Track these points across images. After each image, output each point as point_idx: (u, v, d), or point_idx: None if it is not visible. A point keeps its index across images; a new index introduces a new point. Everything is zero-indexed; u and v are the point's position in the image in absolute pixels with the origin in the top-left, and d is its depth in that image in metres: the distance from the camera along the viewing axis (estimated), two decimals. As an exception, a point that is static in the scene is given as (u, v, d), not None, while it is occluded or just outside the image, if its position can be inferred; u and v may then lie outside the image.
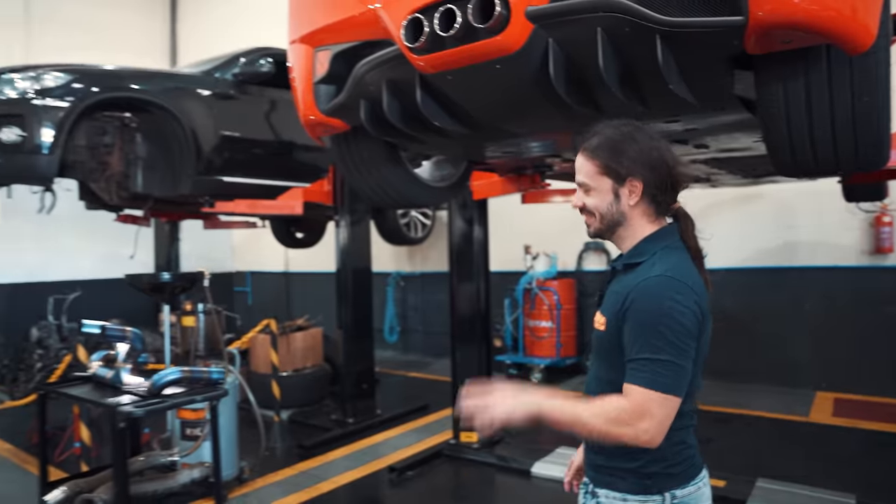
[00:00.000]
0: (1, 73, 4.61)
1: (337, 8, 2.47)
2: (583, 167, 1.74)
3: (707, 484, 1.77)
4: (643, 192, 1.70)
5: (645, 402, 1.54)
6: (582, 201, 1.76)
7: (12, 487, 4.68)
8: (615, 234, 1.77)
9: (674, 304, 1.57)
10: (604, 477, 1.75)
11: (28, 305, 6.93)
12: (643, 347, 1.57)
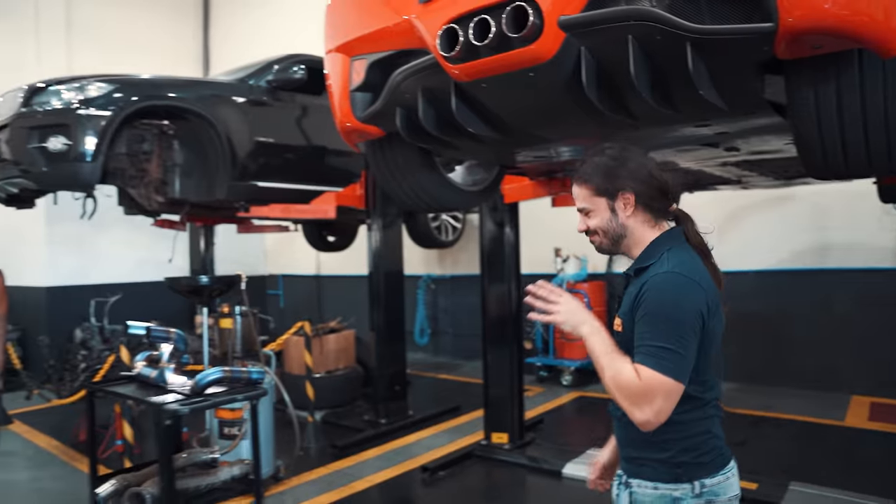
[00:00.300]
0: (48, 86, 4.76)
1: (373, 18, 2.55)
2: (579, 194, 1.91)
3: (735, 475, 1.86)
4: (636, 202, 1.84)
5: (650, 386, 1.66)
6: (585, 224, 1.92)
7: (61, 483, 4.85)
8: (621, 245, 1.91)
9: (680, 297, 1.72)
10: (636, 468, 1.85)
11: (71, 308, 7.14)
12: (650, 335, 1.70)
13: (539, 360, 7.80)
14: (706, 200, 7.03)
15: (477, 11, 2.07)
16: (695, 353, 1.72)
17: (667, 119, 2.32)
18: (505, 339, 5.21)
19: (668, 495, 1.79)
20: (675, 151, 3.30)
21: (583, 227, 1.93)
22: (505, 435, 5.10)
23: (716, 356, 1.82)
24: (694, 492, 1.77)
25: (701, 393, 1.79)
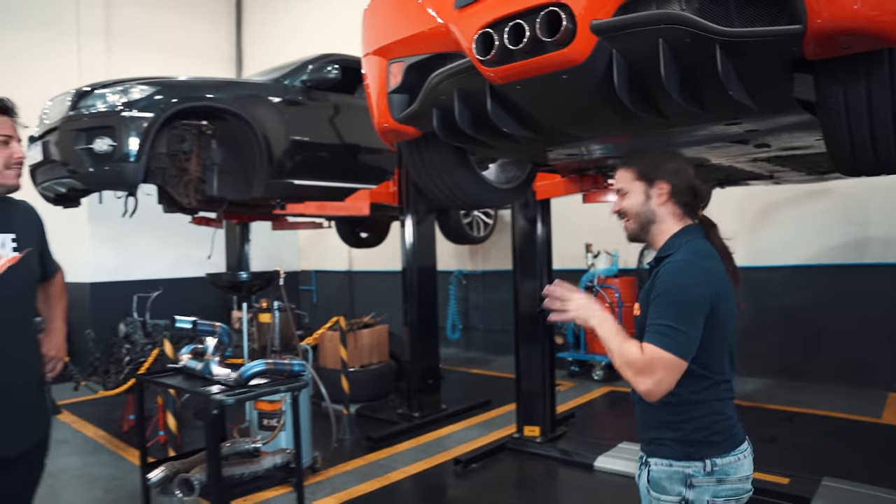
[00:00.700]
0: (94, 89, 4.93)
1: (410, 23, 2.63)
2: (622, 176, 2.10)
3: (748, 457, 1.98)
4: (670, 194, 2.04)
5: (652, 359, 1.82)
6: (619, 205, 2.10)
7: (110, 469, 5.06)
8: (649, 232, 2.08)
9: (688, 280, 1.89)
10: (654, 447, 1.99)
11: (114, 303, 7.35)
12: (658, 315, 1.87)
13: (570, 355, 7.85)
14: (740, 195, 7.01)
15: (512, 16, 2.14)
16: (700, 334, 1.87)
17: (697, 118, 2.37)
18: (536, 334, 5.27)
19: (681, 472, 1.93)
20: (706, 148, 3.34)
21: (617, 208, 2.12)
22: (537, 428, 5.17)
23: (729, 343, 1.97)
24: (705, 470, 1.91)
25: (713, 374, 1.94)
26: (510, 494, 4.52)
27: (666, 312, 1.85)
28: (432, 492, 4.68)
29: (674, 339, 1.82)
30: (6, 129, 2.15)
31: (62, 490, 4.66)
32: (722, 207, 6.96)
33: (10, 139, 2.15)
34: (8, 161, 2.14)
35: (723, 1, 1.94)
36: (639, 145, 3.14)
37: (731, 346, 2.00)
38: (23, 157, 2.20)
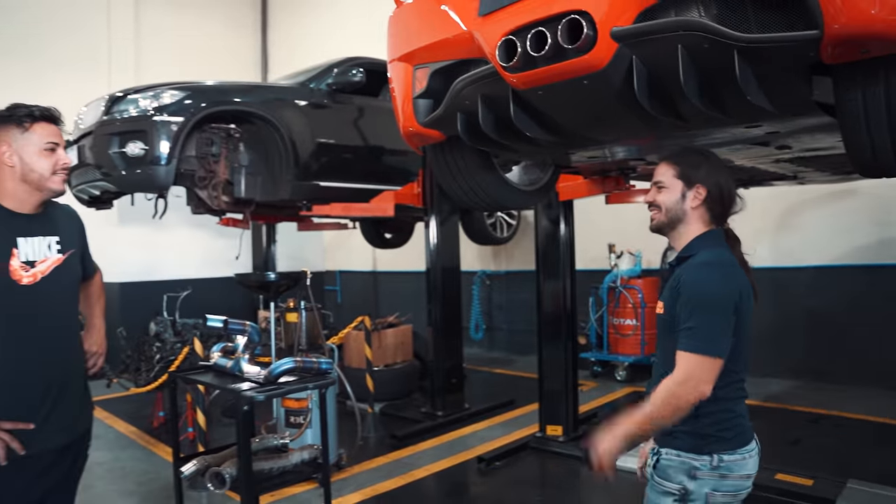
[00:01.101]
0: (127, 94, 5.07)
1: (434, 30, 2.70)
2: (663, 170, 2.15)
3: (754, 457, 2.06)
4: (704, 199, 2.09)
5: (689, 366, 1.89)
6: (654, 197, 2.15)
7: (142, 464, 5.19)
8: (675, 229, 2.14)
9: (715, 282, 1.97)
10: (667, 439, 2.06)
11: (144, 302, 7.53)
12: (690, 317, 1.93)
13: (593, 356, 7.87)
14: (764, 195, 6.97)
15: (534, 24, 2.20)
16: (731, 331, 1.94)
17: (717, 122, 2.41)
18: (559, 334, 5.30)
19: (689, 463, 2.01)
20: (728, 150, 3.36)
21: (650, 199, 2.18)
22: (559, 427, 5.21)
23: (744, 344, 2.03)
24: (712, 464, 1.99)
25: (730, 373, 2.01)
26: (533, 492, 4.57)
27: (696, 314, 1.93)
28: (456, 489, 4.74)
29: (706, 339, 1.90)
30: (54, 137, 2.24)
31: (96, 483, 4.80)
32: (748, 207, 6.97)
33: (56, 146, 2.24)
34: (55, 167, 2.23)
35: (740, 7, 1.98)
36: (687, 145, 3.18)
37: (746, 347, 2.06)
38: (69, 163, 2.29)
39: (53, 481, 2.27)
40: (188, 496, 4.20)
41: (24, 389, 2.17)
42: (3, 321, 2.14)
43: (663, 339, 2.13)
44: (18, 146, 2.19)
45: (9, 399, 2.13)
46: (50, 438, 2.21)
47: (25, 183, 2.21)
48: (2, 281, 2.12)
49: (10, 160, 2.18)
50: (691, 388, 1.88)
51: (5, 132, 2.19)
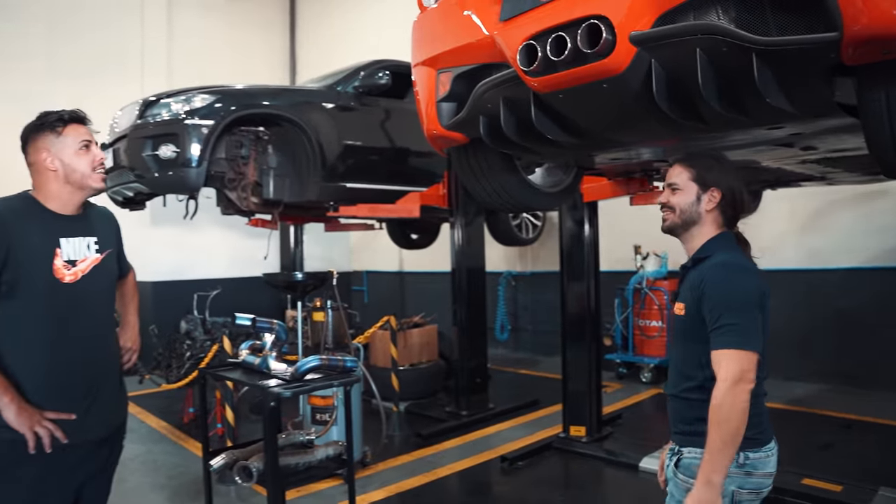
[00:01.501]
0: (160, 99, 5.20)
1: (457, 35, 2.76)
2: (678, 172, 2.18)
3: (774, 455, 2.08)
4: (718, 203, 2.12)
5: (733, 363, 1.91)
6: (668, 199, 2.18)
7: (173, 458, 5.33)
8: (688, 231, 2.17)
9: (739, 280, 2.01)
10: (689, 438, 2.08)
11: (175, 301, 7.70)
12: (722, 316, 1.95)
13: (618, 357, 7.85)
14: (793, 195, 6.90)
15: (554, 29, 2.24)
16: (759, 325, 1.98)
17: (738, 124, 2.42)
18: (583, 335, 5.32)
19: None
20: (752, 151, 3.36)
21: (664, 200, 2.21)
22: (583, 428, 5.23)
23: (765, 344, 2.04)
24: (738, 462, 2.00)
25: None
26: (555, 492, 4.59)
27: (728, 313, 1.96)
28: (478, 488, 4.78)
29: (744, 335, 1.93)
30: (86, 136, 2.35)
31: (129, 475, 4.93)
32: (774, 207, 6.90)
33: (90, 143, 2.35)
34: (93, 164, 2.34)
35: (760, 10, 1.99)
36: (699, 148, 3.20)
37: (766, 347, 2.07)
38: (104, 159, 2.40)
39: (92, 470, 2.38)
40: (217, 490, 4.30)
41: (66, 383, 2.27)
42: (47, 318, 2.24)
43: (682, 340, 2.15)
44: (57, 150, 2.29)
45: (52, 392, 2.24)
46: (90, 429, 2.31)
47: (69, 184, 2.31)
48: (47, 279, 2.23)
49: (53, 164, 2.29)
50: (745, 384, 1.90)
51: (42, 139, 2.30)
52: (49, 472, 2.22)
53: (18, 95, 9.07)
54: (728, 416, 1.88)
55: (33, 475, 2.21)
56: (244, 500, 4.39)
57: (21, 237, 2.20)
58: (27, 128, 2.35)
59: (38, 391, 2.21)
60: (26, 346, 2.23)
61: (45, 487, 2.24)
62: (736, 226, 2.23)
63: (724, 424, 1.89)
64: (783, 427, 5.53)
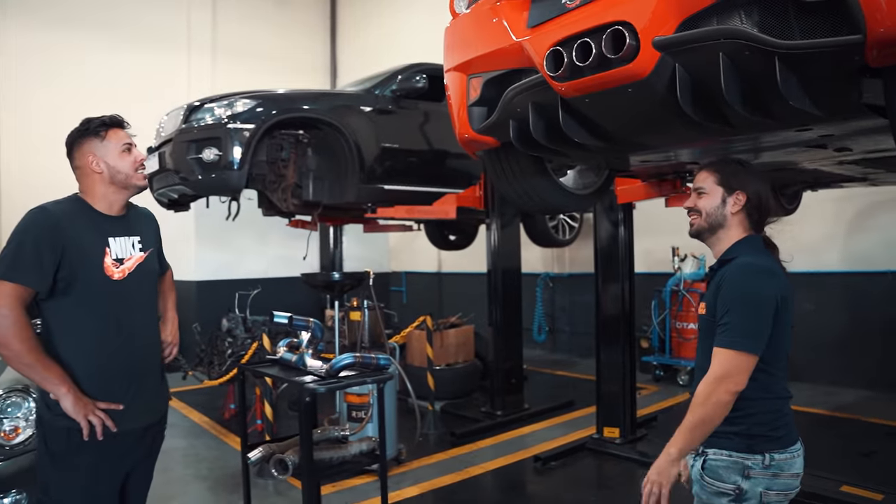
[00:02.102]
0: (203, 104, 5.37)
1: (487, 41, 2.82)
2: (704, 177, 2.23)
3: (801, 456, 2.10)
4: (744, 206, 2.16)
5: (725, 362, 1.97)
6: (694, 203, 2.23)
7: (213, 451, 5.52)
8: (715, 234, 2.21)
9: (756, 282, 2.03)
10: (714, 439, 2.08)
11: (217, 300, 7.91)
12: (728, 313, 2.00)
13: (655, 360, 7.80)
14: (837, 196, 6.78)
15: (579, 35, 2.29)
16: (769, 330, 1.99)
17: (764, 126, 2.43)
18: (617, 337, 5.32)
19: (741, 463, 2.05)
20: (783, 153, 3.34)
21: (690, 204, 2.25)
22: (616, 430, 5.23)
23: (786, 346, 2.08)
24: (764, 463, 2.03)
25: (775, 372, 2.06)
26: (587, 492, 4.61)
27: (734, 311, 2.00)
28: (511, 486, 4.83)
29: (743, 335, 1.96)
30: (126, 139, 2.50)
31: (173, 466, 5.13)
32: (818, 209, 6.78)
33: (131, 145, 2.50)
34: (135, 164, 2.49)
35: (783, 13, 2.00)
36: (728, 151, 3.21)
37: (787, 349, 2.11)
38: (144, 158, 2.55)
39: (137, 457, 2.52)
40: (255, 483, 4.47)
41: (115, 374, 2.40)
42: (100, 313, 2.38)
43: (704, 339, 2.19)
44: (101, 154, 2.43)
45: (103, 382, 2.37)
46: (135, 418, 2.44)
47: (113, 184, 2.46)
48: (99, 277, 2.37)
49: (98, 167, 2.43)
50: (729, 384, 1.95)
51: (87, 144, 2.44)
52: (102, 460, 2.35)
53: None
54: (703, 404, 1.97)
55: (88, 462, 2.34)
56: (281, 493, 4.52)
57: (74, 238, 2.33)
58: (72, 134, 2.48)
59: (90, 382, 2.33)
60: (79, 339, 2.35)
61: (99, 474, 2.37)
62: (763, 229, 2.25)
63: (698, 409, 1.98)
64: (825, 433, 5.51)
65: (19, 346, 2.20)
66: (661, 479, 1.99)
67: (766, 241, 2.25)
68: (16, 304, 2.21)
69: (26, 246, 2.25)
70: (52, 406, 2.29)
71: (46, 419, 2.34)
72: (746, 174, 2.20)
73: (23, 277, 2.22)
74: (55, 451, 2.32)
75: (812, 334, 7.03)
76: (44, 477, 2.37)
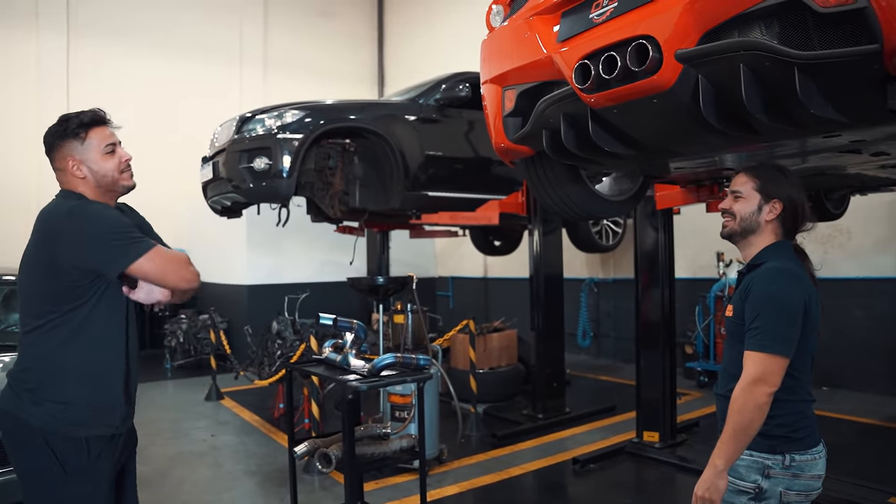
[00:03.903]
0: (255, 115, 5.61)
1: (521, 54, 2.94)
2: (742, 181, 2.26)
3: (823, 458, 2.13)
4: (779, 214, 2.20)
5: (758, 365, 2.00)
6: (730, 205, 2.27)
7: (263, 448, 5.74)
8: (746, 239, 2.25)
9: (783, 286, 2.07)
10: None
11: (267, 303, 8.19)
12: (758, 317, 2.04)
13: (699, 365, 7.76)
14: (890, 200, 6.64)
15: (605, 49, 2.39)
16: (798, 334, 2.03)
17: (788, 133, 2.48)
18: (657, 342, 5.35)
19: (761, 462, 2.10)
20: (820, 157, 3.37)
21: (726, 206, 2.30)
22: (656, 434, 5.25)
23: (812, 350, 2.10)
24: (784, 463, 2.06)
25: (800, 376, 2.10)
26: (624, 495, 4.65)
27: (764, 315, 2.04)
28: (549, 487, 4.90)
29: (774, 339, 2.00)
30: (109, 139, 2.32)
31: (224, 461, 5.38)
32: (871, 214, 6.66)
33: (114, 146, 2.33)
34: (121, 165, 2.36)
35: (802, 25, 2.07)
36: (760, 158, 3.25)
37: (813, 353, 2.15)
38: (130, 158, 2.38)
39: (124, 459, 2.43)
40: (301, 478, 4.65)
41: (118, 369, 2.32)
42: (106, 306, 2.28)
43: (731, 341, 2.25)
44: (82, 157, 2.27)
45: (126, 378, 2.33)
46: (130, 416, 2.39)
47: (100, 187, 2.31)
48: None
49: (80, 171, 2.28)
50: (765, 386, 1.98)
51: (66, 147, 2.27)
52: (104, 464, 2.27)
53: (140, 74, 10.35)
54: (741, 410, 1.99)
55: (109, 468, 2.28)
56: (326, 489, 4.68)
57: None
58: (49, 134, 2.31)
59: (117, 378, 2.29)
60: (107, 334, 2.28)
61: (111, 477, 2.32)
62: (795, 237, 2.29)
63: (736, 416, 2.00)
64: (875, 444, 5.43)
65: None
66: (710, 494, 2.03)
67: (796, 248, 2.28)
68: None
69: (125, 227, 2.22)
70: (61, 417, 2.17)
71: (54, 432, 2.16)
72: (785, 182, 2.23)
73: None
74: (74, 465, 2.18)
75: (863, 342, 6.90)
76: (50, 496, 2.20)
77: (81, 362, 2.22)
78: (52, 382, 2.20)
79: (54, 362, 2.20)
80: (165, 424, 6.50)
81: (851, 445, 5.31)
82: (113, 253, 2.17)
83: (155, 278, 2.25)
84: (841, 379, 6.99)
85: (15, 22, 10.48)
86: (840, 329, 6.71)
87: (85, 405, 2.22)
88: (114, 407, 2.29)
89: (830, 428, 5.56)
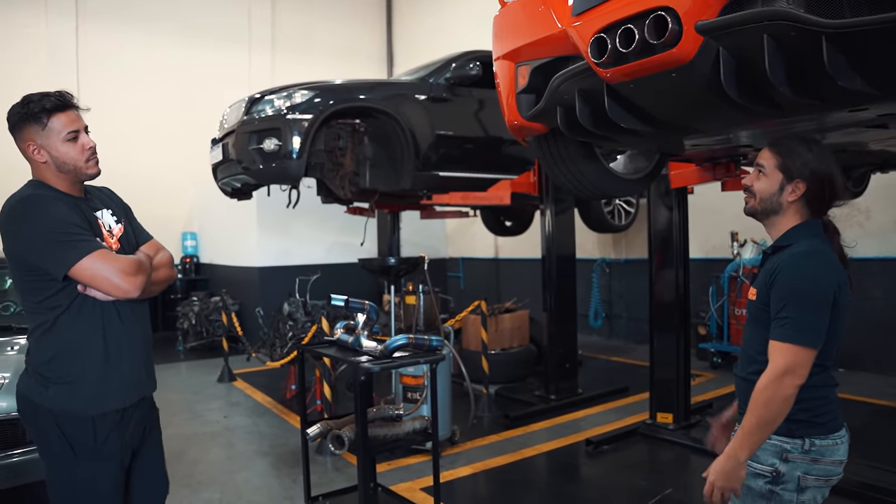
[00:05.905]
0: (264, 96, 5.56)
1: (534, 29, 2.86)
2: (767, 155, 2.15)
3: (845, 443, 2.06)
4: (802, 195, 2.07)
5: (786, 357, 1.91)
6: (752, 181, 2.17)
7: (275, 429, 5.76)
8: (769, 219, 2.15)
9: (813, 273, 1.96)
10: None
11: (279, 284, 8.18)
12: (786, 307, 1.95)
13: (713, 346, 7.70)
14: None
15: (622, 21, 2.30)
16: (826, 322, 1.95)
17: (813, 107, 2.40)
18: (671, 323, 5.29)
19: (780, 446, 2.03)
20: (843, 133, 3.28)
21: (748, 182, 2.19)
22: (670, 415, 5.22)
23: (838, 335, 2.02)
24: (803, 448, 2.00)
25: (824, 361, 2.01)
26: (637, 476, 4.62)
27: (792, 305, 1.94)
28: (562, 468, 4.88)
29: (803, 330, 1.92)
30: (72, 125, 2.23)
31: (237, 442, 5.40)
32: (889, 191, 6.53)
33: (77, 133, 2.24)
34: (84, 153, 2.25)
35: None
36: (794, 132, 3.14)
37: (839, 339, 2.06)
38: (94, 146, 2.29)
39: (137, 438, 2.40)
40: (314, 459, 4.66)
41: (124, 348, 2.30)
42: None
43: (752, 324, 2.16)
44: (43, 142, 2.20)
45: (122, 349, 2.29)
46: (136, 392, 2.35)
47: (63, 173, 2.25)
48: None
49: (41, 156, 2.22)
50: (794, 378, 1.90)
51: (28, 130, 2.20)
52: (124, 444, 2.30)
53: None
54: (767, 402, 1.91)
55: (119, 447, 2.28)
56: (339, 470, 4.69)
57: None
58: (12, 114, 2.22)
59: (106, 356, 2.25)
60: (103, 314, 2.25)
61: (121, 458, 2.32)
62: (826, 213, 2.16)
63: (761, 409, 1.92)
64: (891, 426, 5.35)
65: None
66: (730, 483, 1.97)
67: (826, 224, 2.15)
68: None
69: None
70: (66, 397, 2.18)
71: (62, 412, 2.18)
72: (812, 159, 2.08)
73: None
74: (83, 444, 2.19)
75: (882, 323, 6.81)
76: (62, 475, 2.22)
77: (78, 341, 2.22)
78: (57, 363, 2.22)
79: (52, 343, 2.21)
80: (179, 406, 6.52)
81: (867, 427, 5.25)
82: (51, 257, 2.14)
83: (88, 284, 2.18)
84: (859, 360, 6.90)
85: (24, 8, 10.43)
86: (858, 310, 6.56)
87: (87, 383, 2.22)
88: (119, 382, 2.29)
89: (848, 410, 5.45)
